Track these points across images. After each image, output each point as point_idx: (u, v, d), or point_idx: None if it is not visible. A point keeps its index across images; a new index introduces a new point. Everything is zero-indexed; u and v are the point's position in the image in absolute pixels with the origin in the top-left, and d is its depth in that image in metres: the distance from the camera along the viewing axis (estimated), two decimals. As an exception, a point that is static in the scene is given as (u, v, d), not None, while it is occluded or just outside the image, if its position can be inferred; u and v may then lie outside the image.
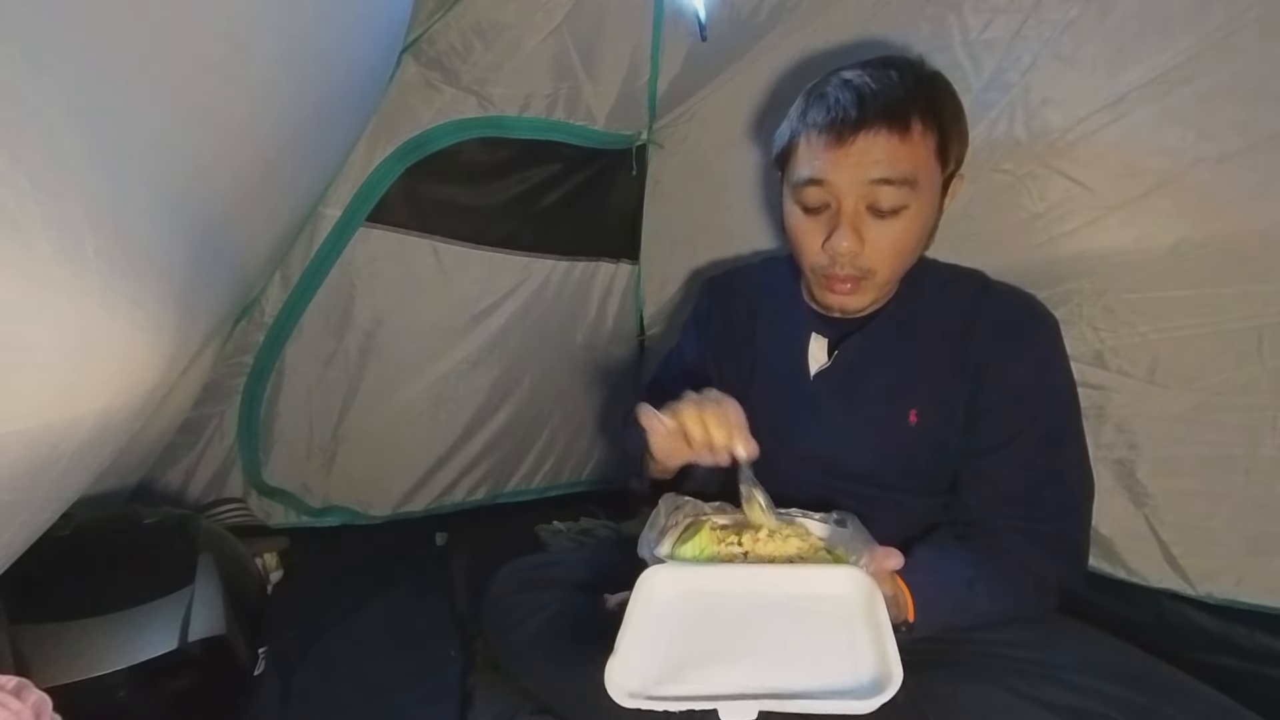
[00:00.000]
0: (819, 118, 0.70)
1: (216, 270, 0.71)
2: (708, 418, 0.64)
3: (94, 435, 0.53)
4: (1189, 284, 0.77)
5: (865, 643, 0.52)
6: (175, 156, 0.51)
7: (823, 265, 0.73)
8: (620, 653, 0.50)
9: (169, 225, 0.53)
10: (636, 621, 0.54)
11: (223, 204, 0.63)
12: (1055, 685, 0.61)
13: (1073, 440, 0.74)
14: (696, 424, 0.65)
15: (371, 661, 0.96)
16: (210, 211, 0.61)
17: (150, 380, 0.59)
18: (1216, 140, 0.71)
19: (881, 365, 0.78)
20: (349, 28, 0.74)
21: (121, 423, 0.58)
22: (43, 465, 0.48)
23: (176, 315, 0.58)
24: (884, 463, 0.78)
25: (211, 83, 0.52)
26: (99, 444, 0.56)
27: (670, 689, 0.49)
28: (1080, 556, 0.75)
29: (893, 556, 0.61)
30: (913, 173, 0.68)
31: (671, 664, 0.51)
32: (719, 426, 0.64)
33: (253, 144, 0.65)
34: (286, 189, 0.83)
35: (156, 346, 0.56)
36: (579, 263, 1.33)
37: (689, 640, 0.54)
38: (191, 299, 0.62)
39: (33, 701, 0.50)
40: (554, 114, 1.17)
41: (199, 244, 0.60)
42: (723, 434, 0.64)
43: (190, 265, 0.59)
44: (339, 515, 1.33)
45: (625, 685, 0.48)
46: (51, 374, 0.43)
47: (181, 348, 0.66)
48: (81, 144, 0.40)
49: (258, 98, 0.61)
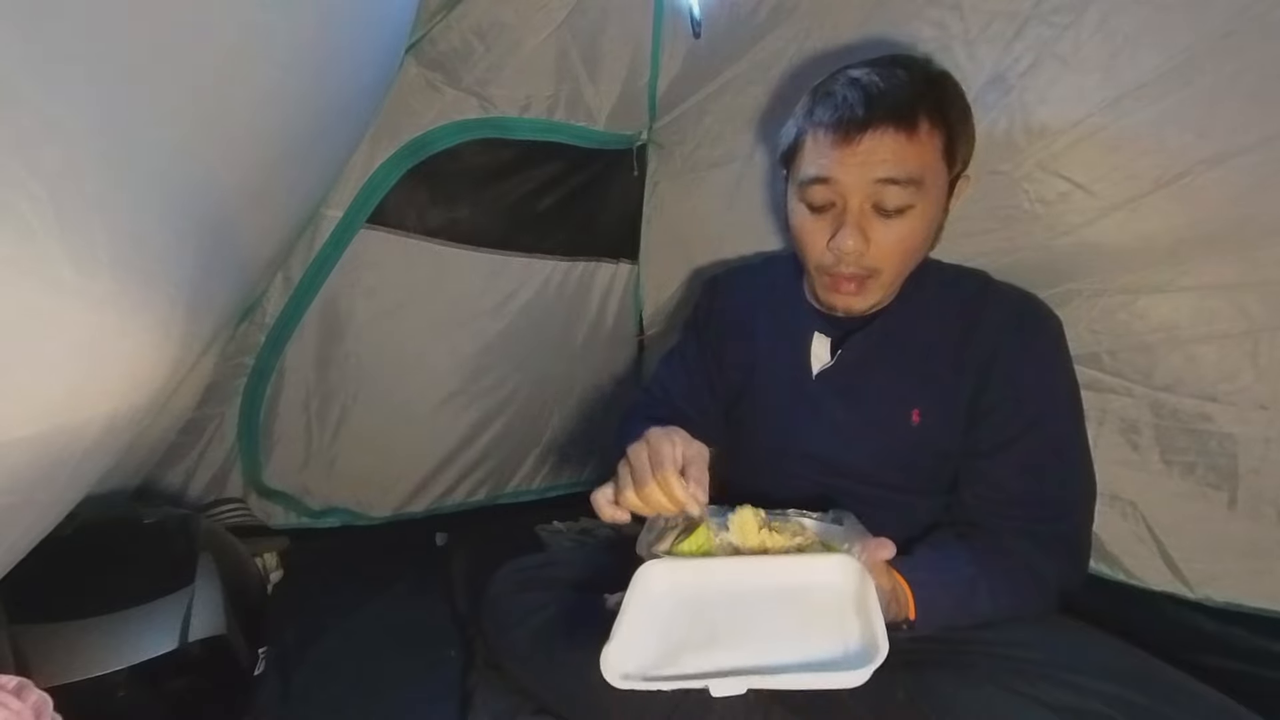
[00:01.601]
0: (826, 116, 0.70)
1: (222, 273, 0.71)
2: (642, 490, 0.61)
3: (101, 437, 0.53)
4: (1188, 285, 0.77)
5: (855, 625, 0.53)
6: (184, 163, 0.51)
7: (827, 264, 0.73)
8: (617, 639, 0.52)
9: (178, 230, 0.54)
10: (633, 611, 0.56)
11: (228, 209, 0.63)
12: (1055, 685, 0.61)
13: (1074, 441, 0.75)
14: (643, 505, 0.62)
15: (371, 661, 0.96)
16: (216, 216, 0.61)
17: (157, 382, 0.59)
18: (1215, 141, 0.71)
19: (884, 365, 0.78)
20: (354, 32, 0.74)
21: (128, 424, 0.59)
22: (51, 468, 0.48)
23: (184, 319, 0.58)
24: (885, 462, 0.78)
25: (219, 91, 0.53)
26: (106, 446, 0.56)
27: (665, 672, 0.50)
28: (1081, 557, 0.75)
29: (885, 547, 0.61)
30: (919, 173, 0.68)
31: (666, 649, 0.53)
32: (666, 495, 0.61)
33: (258, 149, 0.65)
34: (290, 192, 0.83)
35: (164, 349, 0.56)
36: (579, 263, 1.33)
37: (684, 627, 0.55)
38: (198, 302, 0.63)
39: (33, 701, 0.50)
40: (555, 115, 1.17)
41: (206, 248, 0.61)
42: (669, 504, 0.61)
43: (197, 269, 0.59)
44: (339, 516, 1.33)
45: (621, 668, 0.49)
46: (62, 377, 0.43)
47: (188, 350, 0.66)
48: (95, 152, 0.40)
49: (263, 104, 0.61)
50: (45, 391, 0.42)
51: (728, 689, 0.47)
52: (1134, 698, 0.59)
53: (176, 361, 0.62)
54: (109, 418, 0.52)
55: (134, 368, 0.53)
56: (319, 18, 0.63)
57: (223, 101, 0.54)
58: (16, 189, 0.34)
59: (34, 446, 0.43)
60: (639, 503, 0.62)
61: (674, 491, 0.60)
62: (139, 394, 0.57)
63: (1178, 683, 0.63)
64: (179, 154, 0.50)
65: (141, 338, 0.51)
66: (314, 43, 0.64)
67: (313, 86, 0.69)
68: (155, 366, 0.57)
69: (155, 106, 0.45)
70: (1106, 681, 0.61)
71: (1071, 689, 0.61)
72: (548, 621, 0.78)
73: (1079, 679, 0.62)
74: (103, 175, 0.41)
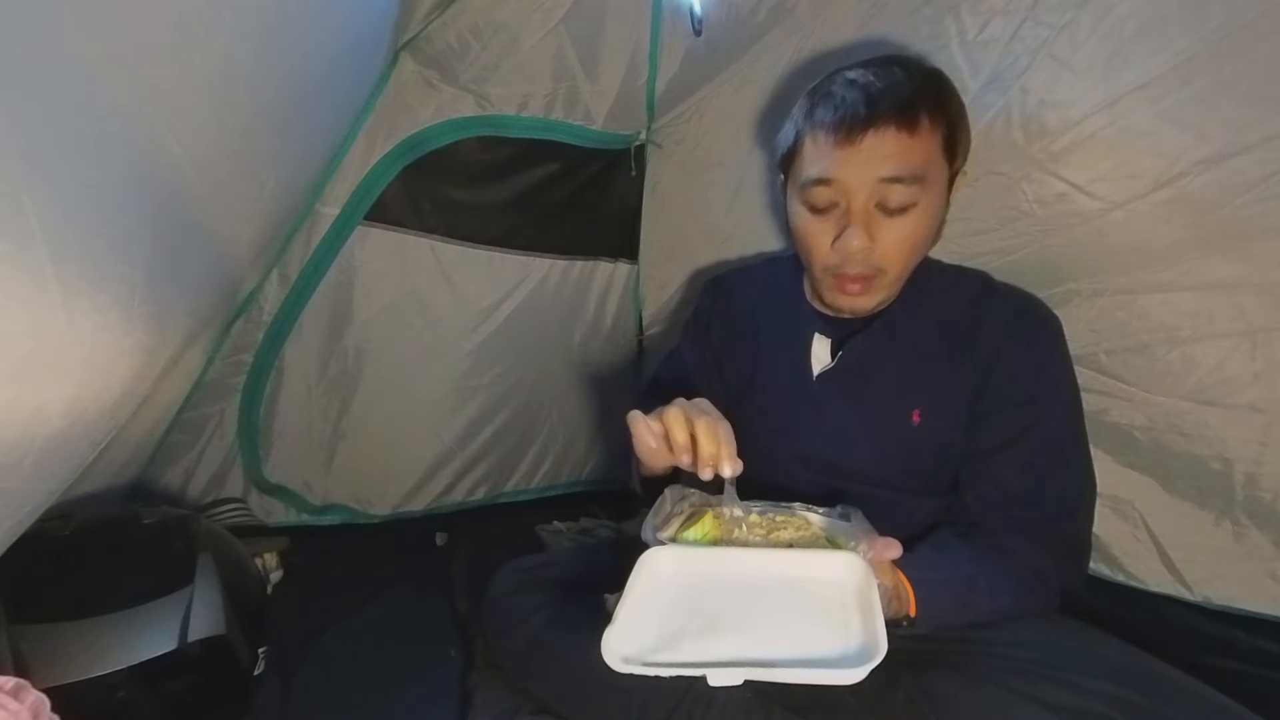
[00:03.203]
0: (826, 116, 0.69)
1: (189, 255, 0.69)
2: (696, 426, 0.63)
3: (66, 425, 0.52)
4: (1187, 285, 0.77)
5: (856, 623, 0.53)
6: (120, 127, 0.49)
7: (833, 265, 0.73)
8: (618, 623, 0.52)
9: (120, 200, 0.51)
10: (635, 596, 0.56)
11: (184, 183, 0.61)
12: (1055, 685, 0.61)
13: (1074, 441, 0.75)
14: (680, 428, 0.63)
15: (371, 661, 0.96)
16: (173, 189, 0.59)
17: (124, 369, 0.58)
18: (1214, 142, 0.71)
19: (885, 366, 0.78)
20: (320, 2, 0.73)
21: (98, 413, 0.58)
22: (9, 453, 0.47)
23: (146, 301, 0.57)
24: (886, 463, 0.78)
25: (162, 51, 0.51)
26: (74, 435, 0.55)
27: (664, 657, 0.50)
28: (1081, 557, 0.75)
29: (892, 547, 0.61)
30: (922, 169, 0.68)
31: (667, 635, 0.53)
32: (708, 438, 0.62)
33: (215, 119, 0.63)
34: (262, 172, 0.81)
35: (126, 333, 0.55)
36: (578, 262, 1.33)
37: (685, 614, 0.55)
38: (161, 283, 0.61)
39: (31, 702, 0.50)
40: (552, 113, 1.17)
41: (163, 223, 0.59)
42: (711, 446, 0.62)
43: (153, 246, 0.57)
44: (339, 514, 1.33)
45: (620, 651, 0.49)
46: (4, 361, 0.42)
47: (159, 337, 0.64)
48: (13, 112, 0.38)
49: (216, 70, 0.59)
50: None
51: (725, 679, 0.47)
52: (1134, 698, 0.60)
53: (147, 349, 0.60)
54: (70, 403, 0.51)
55: (90, 350, 0.51)
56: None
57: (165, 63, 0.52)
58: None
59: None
60: (681, 434, 0.63)
61: (722, 440, 0.61)
62: (104, 381, 0.55)
63: (1178, 683, 0.63)
64: (117, 119, 0.48)
65: (95, 318, 0.49)
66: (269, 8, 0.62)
67: (276, 54, 0.67)
68: (118, 350, 0.55)
69: (79, 64, 0.43)
70: (1106, 681, 0.61)
71: (1071, 689, 0.61)
72: (548, 621, 0.78)
73: (1079, 679, 0.62)
74: (22, 136, 0.39)
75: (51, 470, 0.57)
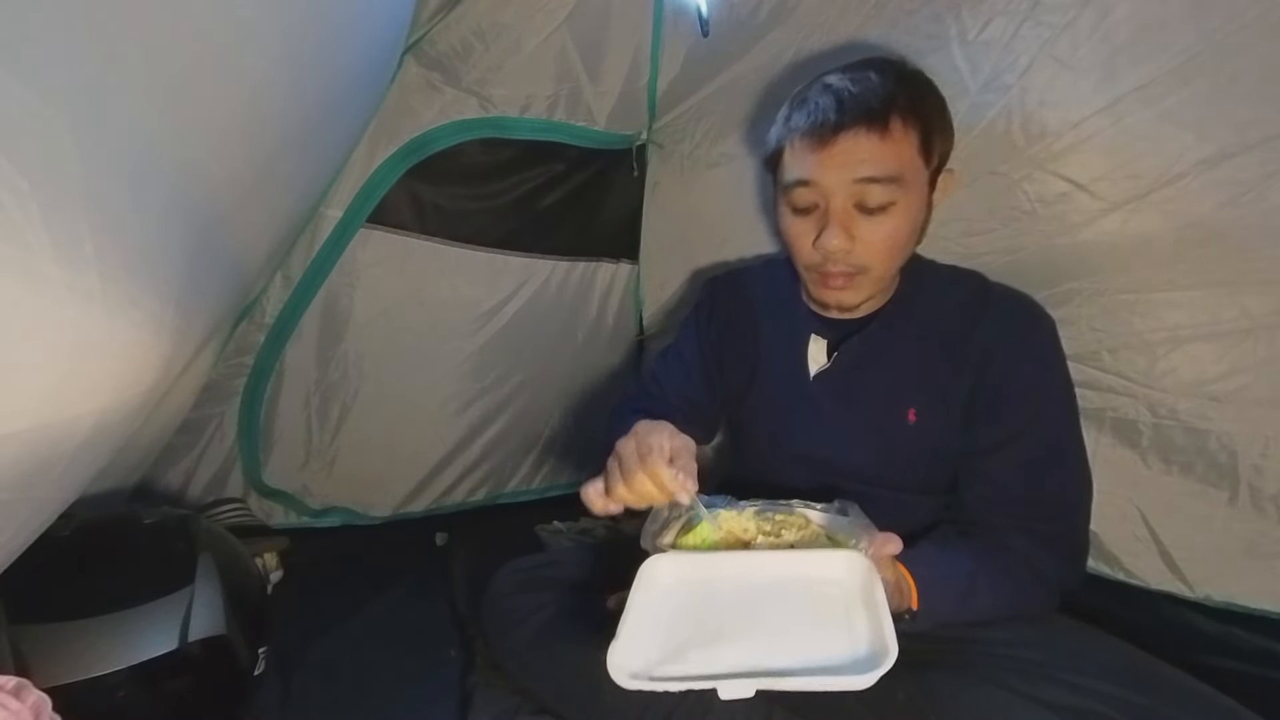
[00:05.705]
0: (802, 122, 0.71)
1: (215, 270, 0.71)
2: (637, 483, 0.60)
3: (93, 435, 0.52)
4: (1187, 285, 0.77)
5: (862, 623, 0.52)
6: (170, 155, 0.51)
7: (816, 263, 0.74)
8: (622, 637, 0.51)
9: (166, 224, 0.53)
10: (638, 608, 0.55)
11: (219, 203, 0.63)
12: (1055, 685, 0.62)
13: (1070, 441, 0.75)
14: (632, 496, 0.61)
15: (371, 661, 0.96)
16: (207, 210, 0.61)
17: (149, 380, 0.59)
18: (1215, 142, 0.71)
19: (881, 366, 0.78)
20: (347, 26, 0.74)
21: (120, 422, 0.58)
22: (42, 465, 0.48)
23: (176, 315, 0.58)
24: (884, 463, 0.78)
25: (205, 82, 0.52)
26: (98, 443, 0.56)
27: (671, 670, 0.49)
28: (1079, 556, 0.75)
29: (892, 541, 0.61)
30: (897, 170, 0.69)
31: (672, 647, 0.52)
32: (655, 485, 0.60)
33: (249, 143, 0.65)
34: (284, 188, 0.83)
35: (156, 346, 0.56)
36: (579, 263, 1.33)
37: (690, 624, 0.55)
38: (191, 298, 0.62)
39: (32, 702, 0.50)
40: (555, 115, 1.17)
41: (197, 243, 0.60)
42: (658, 493, 0.60)
43: (189, 265, 0.59)
44: (339, 516, 1.33)
45: (627, 667, 0.48)
46: (50, 374, 0.43)
47: (180, 347, 0.65)
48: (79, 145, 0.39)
49: (253, 96, 0.61)
50: (33, 388, 0.42)
51: (736, 691, 0.46)
52: (1134, 698, 0.60)
53: (169, 359, 0.62)
54: (100, 415, 0.52)
55: (124, 364, 0.52)
56: (308, 8, 0.63)
57: (208, 94, 0.53)
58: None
59: (23, 443, 0.43)
60: (628, 494, 0.61)
61: (663, 480, 0.59)
62: (131, 391, 0.56)
63: (1178, 682, 0.63)
64: (163, 146, 0.49)
65: (131, 334, 0.50)
66: (303, 35, 0.64)
67: (305, 79, 0.69)
68: (147, 363, 0.56)
69: (135, 97, 0.45)
70: (1106, 681, 0.61)
71: (1071, 689, 0.61)
72: (548, 621, 0.78)
73: (1079, 679, 0.62)
74: (85, 168, 0.40)
75: (73, 477, 0.58)
